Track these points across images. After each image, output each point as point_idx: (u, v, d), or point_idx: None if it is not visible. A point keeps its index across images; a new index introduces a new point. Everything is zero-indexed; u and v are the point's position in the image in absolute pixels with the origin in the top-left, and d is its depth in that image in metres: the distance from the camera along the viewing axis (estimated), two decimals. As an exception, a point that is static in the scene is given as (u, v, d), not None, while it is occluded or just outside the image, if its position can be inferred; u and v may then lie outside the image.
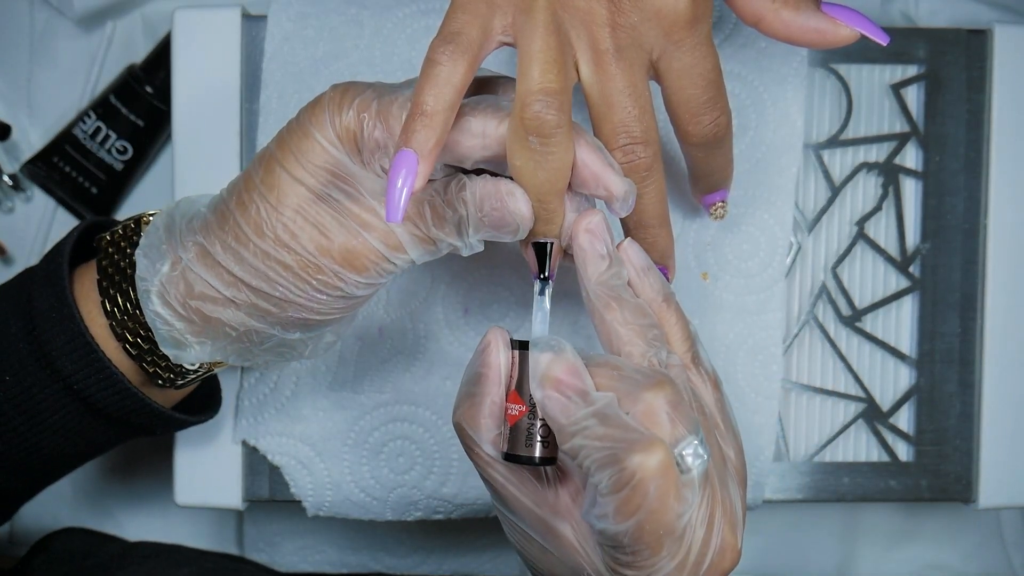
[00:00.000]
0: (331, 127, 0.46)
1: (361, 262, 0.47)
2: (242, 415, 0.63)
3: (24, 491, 0.56)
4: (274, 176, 0.47)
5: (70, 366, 0.50)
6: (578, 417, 0.43)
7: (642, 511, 0.41)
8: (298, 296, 0.48)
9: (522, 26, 0.45)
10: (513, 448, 0.45)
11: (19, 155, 0.74)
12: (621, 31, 0.46)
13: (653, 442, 0.41)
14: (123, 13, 0.74)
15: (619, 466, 0.41)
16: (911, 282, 0.64)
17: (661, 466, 0.41)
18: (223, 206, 0.48)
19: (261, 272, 0.47)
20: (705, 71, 0.48)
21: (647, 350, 0.46)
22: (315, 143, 0.47)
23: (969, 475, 0.65)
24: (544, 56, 0.44)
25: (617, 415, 0.42)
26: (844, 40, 0.48)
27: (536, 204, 0.46)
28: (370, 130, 0.46)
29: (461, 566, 0.76)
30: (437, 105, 0.43)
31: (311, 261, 0.47)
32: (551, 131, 0.44)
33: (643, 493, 0.41)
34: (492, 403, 0.46)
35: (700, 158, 0.53)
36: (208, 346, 0.50)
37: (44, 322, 0.50)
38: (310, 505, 0.64)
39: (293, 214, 0.47)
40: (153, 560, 0.60)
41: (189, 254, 0.48)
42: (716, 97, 0.49)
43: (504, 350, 0.47)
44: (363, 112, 0.46)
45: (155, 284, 0.49)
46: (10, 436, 0.51)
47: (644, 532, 0.41)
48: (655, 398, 0.43)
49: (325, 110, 0.46)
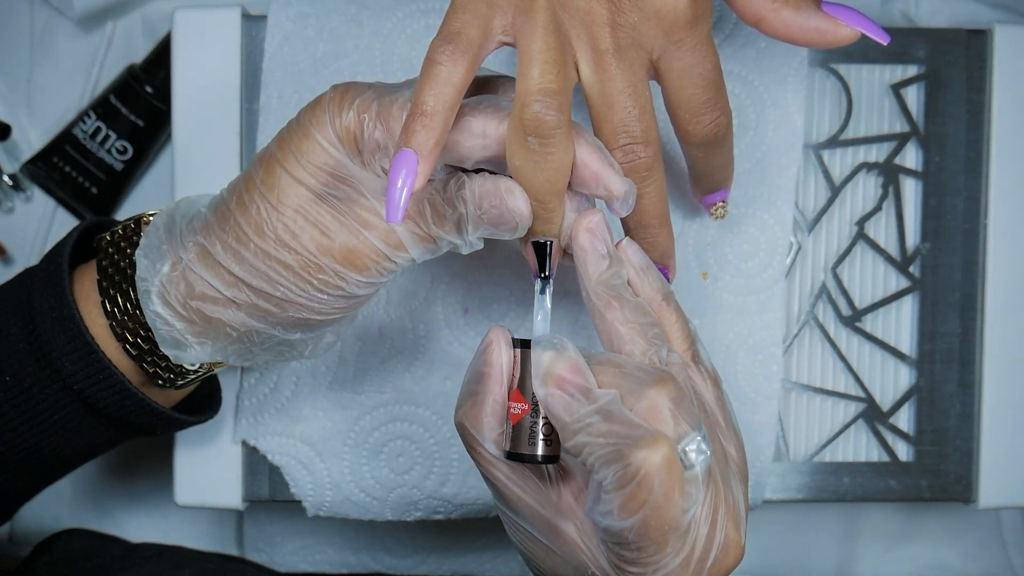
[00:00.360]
0: (331, 128, 0.46)
1: (362, 261, 0.47)
2: (242, 415, 0.63)
3: (24, 491, 0.56)
4: (274, 176, 0.47)
5: (70, 366, 0.50)
6: (581, 414, 0.43)
7: (647, 507, 0.41)
8: (299, 296, 0.48)
9: (522, 26, 0.45)
10: (516, 447, 0.45)
11: (19, 155, 0.74)
12: (621, 31, 0.46)
13: (657, 438, 0.41)
14: (123, 13, 0.74)
15: (623, 462, 0.41)
16: (911, 282, 0.64)
17: (665, 461, 0.41)
18: (223, 206, 0.48)
19: (262, 272, 0.47)
20: (705, 71, 0.48)
21: (648, 348, 0.46)
22: (315, 143, 0.47)
23: (969, 475, 0.65)
24: (544, 56, 0.44)
25: (621, 412, 0.43)
26: (845, 40, 0.48)
27: (535, 204, 0.46)
28: (370, 131, 0.46)
29: (461, 566, 0.76)
30: (437, 105, 0.43)
31: (312, 260, 0.47)
32: (550, 132, 0.44)
33: (648, 489, 0.41)
34: (494, 402, 0.46)
35: (700, 158, 0.53)
36: (208, 346, 0.50)
37: (44, 322, 0.50)
38: (310, 505, 0.64)
39: (294, 214, 0.47)
40: (155, 561, 0.60)
41: (189, 254, 0.48)
42: (716, 97, 0.49)
43: (506, 349, 0.47)
44: (363, 113, 0.46)
45: (155, 284, 0.49)
46: (10, 436, 0.51)
47: (649, 528, 0.42)
48: (658, 395, 0.43)
49: (325, 111, 0.47)
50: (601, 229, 0.47)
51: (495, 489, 0.48)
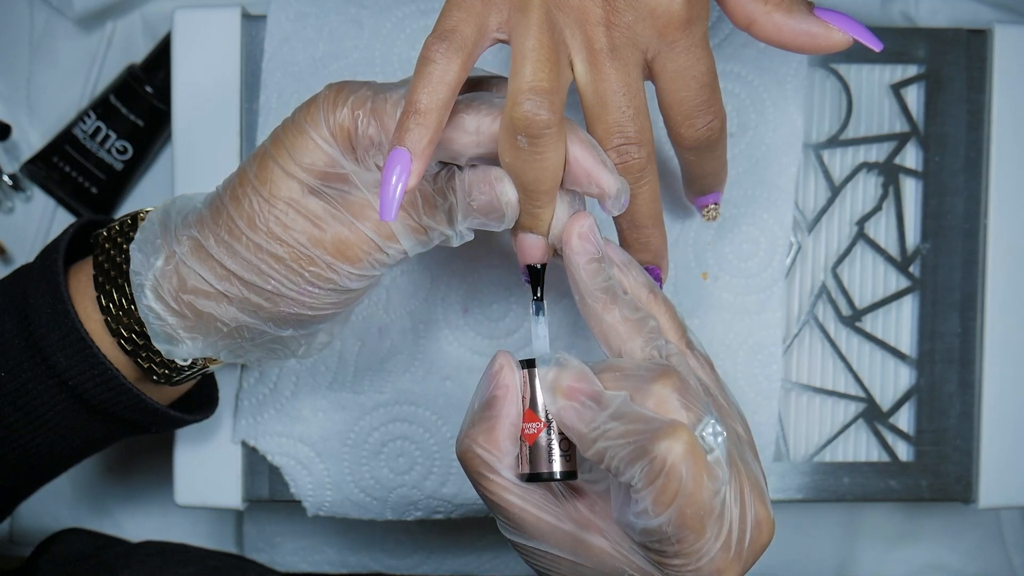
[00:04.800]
0: (325, 124, 0.47)
1: (354, 252, 0.48)
2: (241, 415, 0.63)
3: (21, 489, 0.56)
4: (267, 171, 0.48)
5: (65, 361, 0.50)
6: (597, 422, 0.43)
7: (680, 496, 0.42)
8: (290, 289, 0.48)
9: (516, 24, 0.45)
10: (535, 467, 0.46)
11: (19, 155, 0.74)
12: (616, 30, 0.46)
13: (675, 427, 0.42)
14: (123, 13, 0.74)
15: (648, 457, 0.41)
16: (911, 282, 0.64)
17: (688, 447, 0.42)
18: (217, 201, 0.49)
19: (253, 265, 0.48)
20: (699, 73, 0.48)
21: (647, 343, 0.47)
22: (309, 139, 0.47)
23: (969, 475, 0.65)
24: (537, 55, 0.44)
25: (633, 410, 0.43)
26: (837, 45, 0.47)
27: (524, 201, 0.46)
28: (364, 127, 0.46)
29: (461, 566, 0.75)
30: (431, 103, 0.44)
31: (303, 252, 0.47)
32: (540, 131, 0.44)
33: (677, 478, 0.41)
34: (511, 424, 0.46)
35: (692, 161, 0.52)
36: (200, 341, 0.50)
37: (39, 318, 0.50)
38: (310, 505, 0.64)
39: (285, 206, 0.47)
40: (158, 558, 0.60)
41: (183, 248, 0.49)
42: (710, 100, 0.49)
43: (517, 371, 0.47)
44: (357, 110, 0.46)
45: (149, 278, 0.49)
46: (5, 433, 0.51)
47: (686, 517, 0.42)
48: (663, 388, 0.43)
49: (320, 108, 0.47)
50: (593, 232, 0.47)
51: (509, 517, 0.47)
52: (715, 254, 0.62)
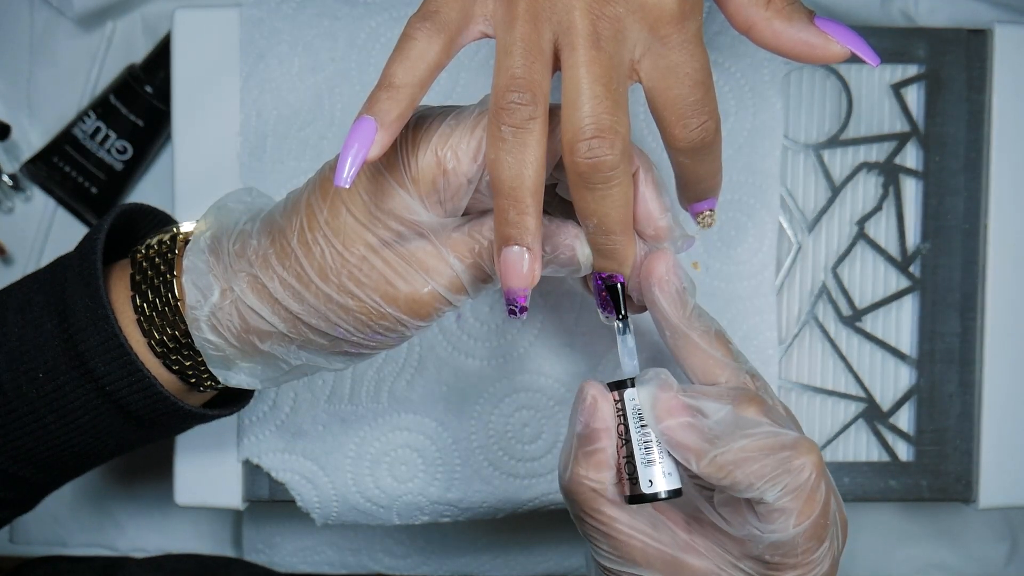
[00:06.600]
0: (405, 172, 0.45)
1: (426, 310, 0.47)
2: (244, 434, 0.63)
3: (51, 483, 0.55)
4: (340, 219, 0.46)
5: (103, 367, 0.49)
6: (715, 436, 0.44)
7: (818, 506, 0.44)
8: (358, 337, 0.47)
9: (502, 15, 0.44)
10: (639, 489, 0.45)
11: (19, 155, 0.74)
12: (603, 21, 0.44)
13: (802, 441, 0.44)
14: (123, 13, 0.74)
15: (790, 471, 0.43)
16: (911, 282, 0.64)
17: (821, 460, 0.44)
18: (282, 239, 0.47)
19: (321, 313, 0.47)
20: (693, 71, 0.45)
21: (737, 367, 0.48)
22: (386, 185, 0.45)
23: (969, 475, 0.65)
24: (522, 46, 0.43)
25: (749, 423, 0.44)
26: (834, 57, 0.46)
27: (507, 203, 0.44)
28: (455, 172, 0.45)
29: (461, 566, 0.75)
30: (406, 79, 0.42)
31: (375, 309, 0.46)
32: (523, 122, 0.43)
33: (820, 490, 0.43)
34: (611, 456, 0.46)
35: (687, 165, 0.49)
36: (258, 373, 0.50)
37: (78, 322, 0.49)
38: (318, 516, 0.64)
39: (359, 261, 0.46)
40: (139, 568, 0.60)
41: (241, 284, 0.47)
42: (704, 100, 0.46)
43: (609, 402, 0.46)
44: (441, 150, 0.45)
45: (204, 312, 0.48)
46: (40, 433, 0.51)
47: (818, 527, 0.44)
48: (754, 413, 0.45)
49: (397, 152, 0.45)
50: (677, 265, 0.48)
51: (616, 546, 0.47)
52: (704, 243, 0.62)
